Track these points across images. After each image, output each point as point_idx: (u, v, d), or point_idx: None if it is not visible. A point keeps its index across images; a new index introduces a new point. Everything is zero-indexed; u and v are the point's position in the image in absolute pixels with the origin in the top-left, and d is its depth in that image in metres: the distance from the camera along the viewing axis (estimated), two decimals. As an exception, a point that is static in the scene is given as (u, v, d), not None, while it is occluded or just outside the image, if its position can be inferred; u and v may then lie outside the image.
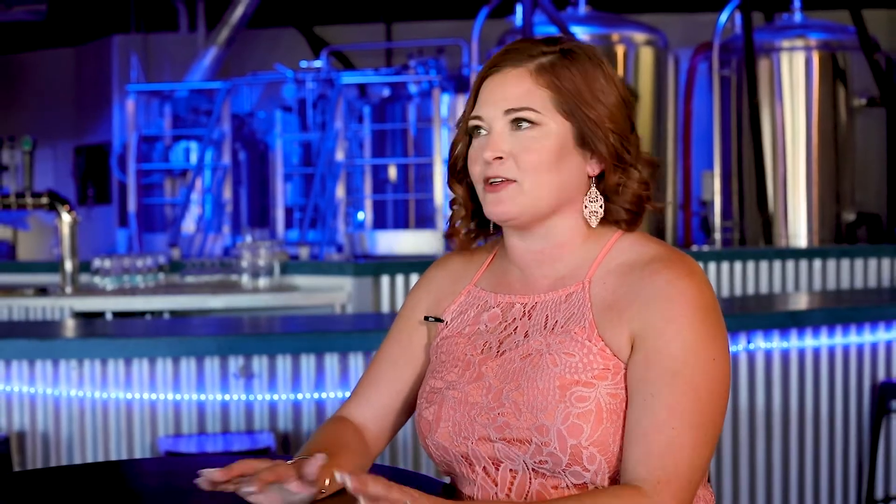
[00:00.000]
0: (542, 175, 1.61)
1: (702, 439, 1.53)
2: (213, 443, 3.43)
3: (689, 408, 1.53)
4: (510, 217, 1.63)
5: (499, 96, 1.63)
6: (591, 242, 1.66)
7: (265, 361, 3.58)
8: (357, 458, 1.71)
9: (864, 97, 8.77)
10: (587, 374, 1.56)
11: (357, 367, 3.59)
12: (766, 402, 4.02)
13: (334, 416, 1.82)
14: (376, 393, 1.80)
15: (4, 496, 1.69)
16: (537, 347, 1.61)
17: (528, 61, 1.64)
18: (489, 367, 1.64)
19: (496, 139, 1.63)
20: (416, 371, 1.78)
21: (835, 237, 8.73)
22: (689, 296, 1.56)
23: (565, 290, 1.64)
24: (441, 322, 1.74)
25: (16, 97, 12.52)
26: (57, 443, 3.56)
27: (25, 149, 5.96)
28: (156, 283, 6.03)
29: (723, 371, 1.57)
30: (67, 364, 3.51)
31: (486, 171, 1.63)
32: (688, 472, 1.52)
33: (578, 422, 1.54)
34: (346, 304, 5.77)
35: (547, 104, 1.62)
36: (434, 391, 1.67)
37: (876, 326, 4.18)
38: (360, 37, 11.39)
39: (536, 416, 1.56)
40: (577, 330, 1.59)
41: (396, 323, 1.82)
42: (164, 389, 3.54)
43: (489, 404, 1.61)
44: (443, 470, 1.71)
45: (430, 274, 1.83)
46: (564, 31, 7.84)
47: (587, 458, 1.54)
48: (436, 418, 1.65)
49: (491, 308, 1.70)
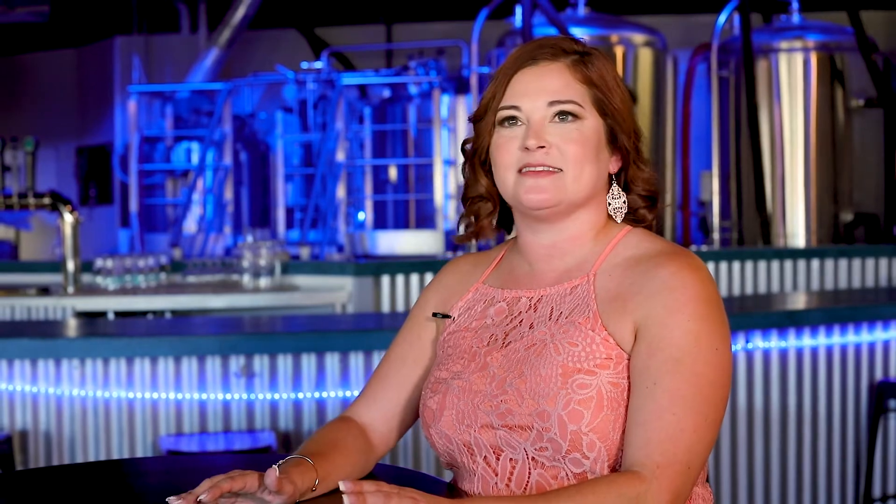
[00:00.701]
0: (583, 168, 1.64)
1: (703, 425, 1.53)
2: (214, 442, 3.44)
3: (691, 395, 1.53)
4: (549, 205, 1.64)
5: (538, 87, 1.65)
6: (600, 237, 1.69)
7: (266, 361, 3.59)
8: (354, 457, 1.71)
9: (862, 98, 8.78)
10: (590, 363, 1.58)
11: (357, 366, 3.60)
12: (764, 402, 4.04)
13: (340, 415, 1.82)
14: (384, 391, 1.80)
15: (7, 495, 1.69)
16: (541, 337, 1.63)
17: (564, 56, 1.66)
18: (494, 358, 1.66)
19: (538, 129, 1.64)
20: (425, 369, 1.79)
21: (832, 237, 8.74)
22: (693, 288, 1.58)
23: (571, 282, 1.67)
24: (448, 318, 1.76)
25: (18, 98, 12.54)
26: (59, 442, 3.57)
27: (28, 149, 5.97)
28: (157, 282, 6.05)
29: (724, 361, 1.58)
30: (69, 363, 3.52)
31: (525, 159, 1.64)
32: (687, 456, 1.52)
33: (579, 408, 1.55)
34: (346, 304, 5.78)
35: (586, 99, 1.65)
36: (439, 381, 1.69)
37: (873, 326, 4.20)
38: (361, 38, 11.40)
39: (538, 402, 1.57)
40: (581, 320, 1.61)
41: (406, 323, 1.83)
42: (165, 389, 3.56)
43: (492, 392, 1.62)
44: (444, 462, 1.71)
45: (440, 275, 1.85)
46: (564, 33, 7.86)
47: (587, 444, 1.55)
48: (440, 407, 1.66)
49: (497, 303, 1.72)
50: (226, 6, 10.01)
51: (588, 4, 8.97)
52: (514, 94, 1.66)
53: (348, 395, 3.58)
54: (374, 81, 9.15)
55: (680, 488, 1.52)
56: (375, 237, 8.92)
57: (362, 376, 3.58)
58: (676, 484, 1.51)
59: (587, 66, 1.66)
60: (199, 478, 1.54)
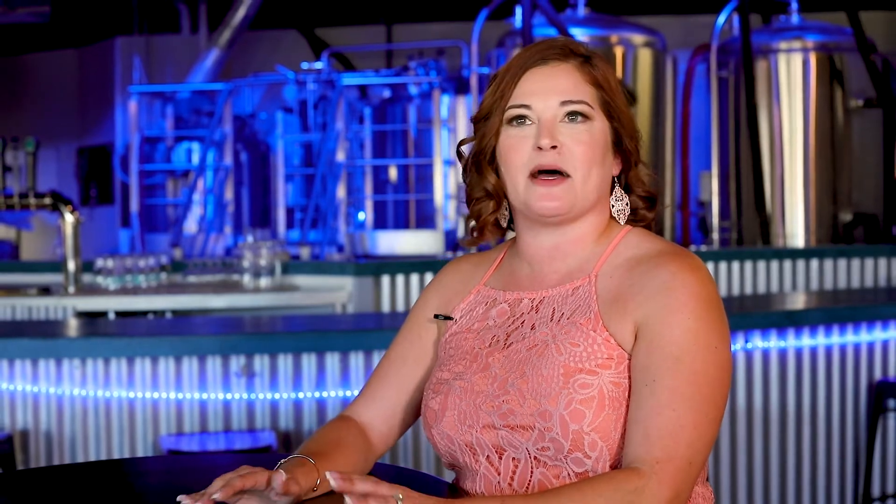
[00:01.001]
0: (591, 170, 1.64)
1: (703, 422, 1.54)
2: (214, 441, 3.45)
3: (690, 392, 1.54)
4: (561, 212, 1.65)
5: (549, 86, 1.65)
6: (601, 238, 1.69)
7: (266, 361, 3.60)
8: (354, 456, 1.71)
9: (861, 98, 8.79)
10: (591, 363, 1.58)
11: (358, 366, 3.61)
12: (763, 401, 4.04)
13: (340, 414, 1.83)
14: (384, 390, 1.80)
15: (8, 494, 1.70)
16: (543, 338, 1.63)
17: (573, 58, 1.67)
18: (496, 359, 1.66)
19: (550, 128, 1.64)
20: (425, 369, 1.79)
21: (832, 237, 8.74)
22: (692, 287, 1.58)
23: (572, 283, 1.67)
24: (450, 320, 1.76)
25: (19, 98, 12.55)
26: (60, 441, 3.58)
27: (29, 150, 5.99)
28: (158, 282, 6.06)
29: (724, 359, 1.59)
30: (70, 363, 3.53)
31: (537, 160, 1.64)
32: (688, 452, 1.52)
33: (581, 407, 1.55)
34: (346, 304, 5.79)
35: (595, 100, 1.66)
36: (441, 382, 1.69)
37: (872, 326, 4.20)
38: (361, 38, 11.41)
39: (540, 401, 1.57)
40: (582, 321, 1.62)
41: (406, 322, 1.83)
42: (166, 388, 3.56)
43: (494, 392, 1.62)
44: (446, 462, 1.72)
45: (440, 276, 1.85)
46: (564, 33, 7.87)
47: (588, 444, 1.55)
48: (441, 407, 1.67)
49: (499, 304, 1.72)
50: (226, 7, 10.02)
51: (588, 5, 8.97)
52: (524, 93, 1.65)
53: (348, 394, 3.59)
54: (374, 82, 9.16)
55: (680, 485, 1.52)
56: (375, 237, 8.93)
57: (362, 376, 3.59)
58: (677, 480, 1.51)
59: (594, 66, 1.67)
60: (200, 477, 1.55)
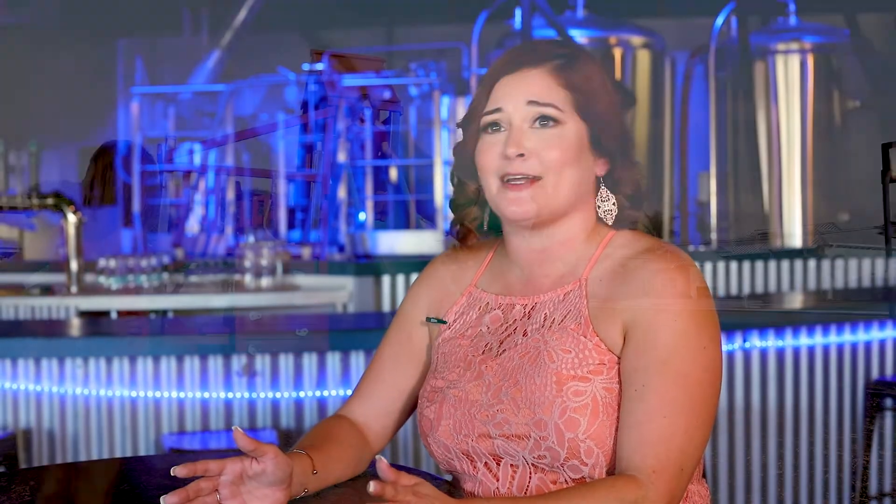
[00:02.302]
0: (563, 173, 1.62)
1: (693, 426, 1.54)
2: (216, 440, 3.47)
3: (680, 396, 1.53)
4: (530, 216, 1.63)
5: (521, 91, 1.63)
6: (590, 240, 1.67)
7: (268, 360, 3.62)
8: (349, 451, 1.72)
9: (859, 100, 8.80)
10: (583, 370, 1.57)
11: (358, 365, 3.62)
12: (761, 401, 4.05)
13: (334, 413, 1.83)
14: (378, 390, 1.81)
15: (11, 493, 1.70)
16: (535, 345, 1.62)
17: (546, 62, 1.64)
18: (489, 367, 1.65)
19: (517, 135, 1.63)
20: (417, 368, 1.79)
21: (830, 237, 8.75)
22: (678, 286, 1.57)
23: (563, 288, 1.66)
24: (443, 323, 1.75)
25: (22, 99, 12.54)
26: (62, 440, 3.59)
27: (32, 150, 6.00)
28: (160, 282, 6.07)
29: (714, 359, 1.57)
30: (73, 362, 3.54)
31: (505, 168, 1.63)
32: (680, 458, 1.52)
33: (575, 416, 1.55)
34: (347, 304, 5.79)
35: (567, 104, 1.63)
36: (435, 390, 1.69)
37: (869, 326, 4.21)
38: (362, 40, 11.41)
39: (534, 411, 1.57)
40: (572, 326, 1.61)
41: (396, 320, 1.82)
42: (168, 387, 3.57)
43: (488, 401, 1.62)
44: (444, 468, 1.72)
45: (429, 271, 1.83)
46: (563, 35, 7.89)
47: (584, 451, 1.55)
48: (437, 417, 1.67)
49: (492, 310, 1.71)
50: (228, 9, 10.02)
51: (587, 6, 8.99)
52: (498, 98, 1.65)
53: (349, 393, 3.58)
54: (375, 83, 9.17)
55: (675, 491, 1.53)
56: (376, 237, 8.94)
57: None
58: (671, 487, 1.52)
59: (571, 69, 1.64)
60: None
